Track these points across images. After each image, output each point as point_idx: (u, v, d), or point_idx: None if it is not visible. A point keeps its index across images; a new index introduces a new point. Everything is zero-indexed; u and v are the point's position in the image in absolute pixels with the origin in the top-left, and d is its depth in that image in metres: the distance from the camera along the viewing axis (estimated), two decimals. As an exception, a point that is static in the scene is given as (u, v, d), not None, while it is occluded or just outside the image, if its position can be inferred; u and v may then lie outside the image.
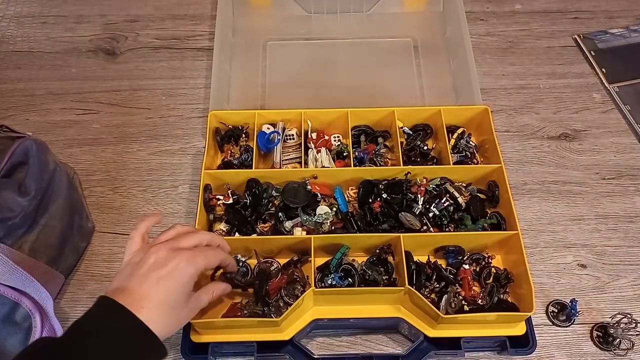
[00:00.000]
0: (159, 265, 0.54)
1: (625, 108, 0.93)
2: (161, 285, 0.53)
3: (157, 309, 0.51)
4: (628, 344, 0.69)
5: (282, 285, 0.69)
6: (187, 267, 0.55)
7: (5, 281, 0.58)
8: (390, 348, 0.70)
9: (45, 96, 0.96)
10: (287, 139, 0.84)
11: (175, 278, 0.54)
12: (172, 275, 0.54)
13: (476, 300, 0.70)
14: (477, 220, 0.75)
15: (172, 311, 0.53)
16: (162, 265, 0.54)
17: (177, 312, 0.54)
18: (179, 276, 0.54)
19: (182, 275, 0.54)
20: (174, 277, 0.54)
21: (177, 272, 0.54)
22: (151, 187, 0.85)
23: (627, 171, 0.86)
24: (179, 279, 0.54)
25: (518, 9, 1.09)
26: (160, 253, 0.55)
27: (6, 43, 1.04)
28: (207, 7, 1.09)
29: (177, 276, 0.54)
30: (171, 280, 0.53)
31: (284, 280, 0.70)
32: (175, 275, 0.54)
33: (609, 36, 1.03)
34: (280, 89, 0.94)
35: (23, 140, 0.65)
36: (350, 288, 0.69)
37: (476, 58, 0.95)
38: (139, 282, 0.52)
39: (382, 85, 0.94)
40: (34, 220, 0.66)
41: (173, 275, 0.54)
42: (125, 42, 1.04)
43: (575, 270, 0.77)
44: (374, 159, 0.82)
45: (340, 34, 1.01)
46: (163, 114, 0.93)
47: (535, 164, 0.87)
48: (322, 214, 0.75)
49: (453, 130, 0.84)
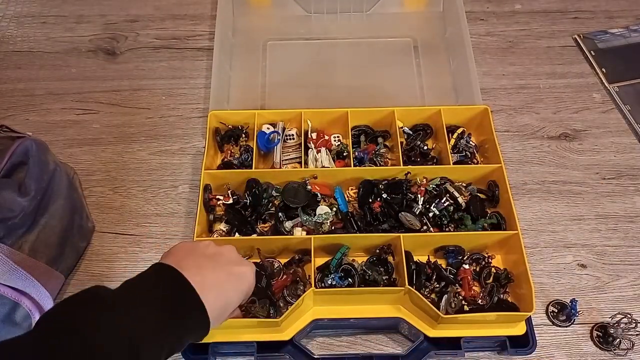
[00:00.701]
0: (232, 263, 0.55)
1: (625, 108, 0.93)
2: (231, 282, 0.54)
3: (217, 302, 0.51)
4: (628, 344, 0.69)
5: (286, 284, 0.70)
6: (252, 277, 0.57)
7: (5, 281, 0.58)
8: (390, 348, 0.70)
9: (45, 96, 0.96)
10: (287, 139, 0.84)
11: (242, 280, 0.55)
12: (242, 278, 0.55)
13: (476, 300, 0.70)
14: (477, 220, 0.75)
15: (224, 310, 0.53)
16: (236, 264, 0.56)
17: (225, 316, 0.54)
18: (245, 281, 0.56)
19: (247, 281, 0.56)
20: (242, 280, 0.55)
21: (245, 276, 0.56)
22: (151, 187, 0.85)
23: (627, 171, 0.86)
24: (244, 284, 0.56)
25: (518, 9, 1.09)
26: (234, 254, 0.58)
27: (6, 43, 1.04)
28: (207, 7, 1.09)
29: (244, 279, 0.56)
30: (239, 282, 0.55)
31: (288, 279, 0.70)
32: (243, 278, 0.56)
33: (609, 36, 1.03)
34: (280, 89, 0.94)
35: (23, 140, 0.65)
36: (350, 288, 0.69)
37: (476, 58, 0.95)
38: (213, 268, 0.53)
39: (382, 85, 0.94)
40: (34, 220, 0.66)
41: (242, 278, 0.55)
42: (125, 42, 1.04)
43: (575, 270, 0.77)
44: (374, 159, 0.82)
45: (340, 34, 1.01)
46: (163, 114, 0.93)
47: (535, 164, 0.87)
48: (322, 214, 0.75)
49: (453, 130, 0.84)
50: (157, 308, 0.46)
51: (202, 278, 0.50)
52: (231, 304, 0.54)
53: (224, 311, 0.52)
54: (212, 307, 0.49)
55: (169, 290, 0.48)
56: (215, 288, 0.51)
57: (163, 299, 0.47)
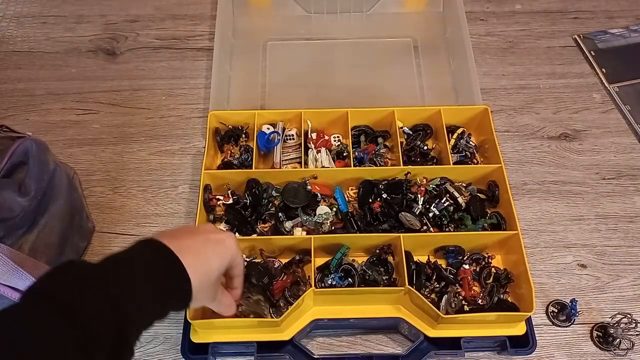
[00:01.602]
0: (209, 232, 0.56)
1: (625, 108, 0.93)
2: (209, 246, 0.54)
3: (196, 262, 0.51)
4: (628, 344, 0.69)
5: (286, 285, 0.69)
6: (232, 243, 0.57)
7: (5, 281, 0.58)
8: (390, 348, 0.70)
9: (45, 96, 0.96)
10: (287, 139, 0.84)
11: (220, 244, 0.55)
12: (220, 242, 0.55)
13: (476, 300, 0.70)
14: (477, 220, 0.75)
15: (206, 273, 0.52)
16: (213, 233, 0.56)
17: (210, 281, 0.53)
18: (223, 245, 0.55)
19: (226, 246, 0.56)
20: (220, 244, 0.55)
21: (224, 241, 0.56)
22: (151, 187, 0.85)
23: (627, 171, 0.86)
24: (223, 247, 0.55)
25: (518, 9, 1.09)
26: (211, 227, 0.59)
27: (6, 43, 1.04)
28: (207, 7, 1.09)
29: (222, 244, 0.55)
30: (217, 245, 0.55)
31: (288, 280, 0.70)
32: (221, 242, 0.55)
33: (609, 36, 1.03)
34: (280, 89, 0.94)
35: (23, 140, 0.65)
36: (350, 288, 0.69)
37: (476, 58, 0.95)
38: (190, 237, 0.53)
39: (382, 85, 0.94)
40: (34, 220, 0.66)
41: (220, 242, 0.55)
42: (125, 42, 1.04)
43: (575, 270, 0.77)
44: (374, 159, 0.82)
45: (340, 34, 1.01)
46: (163, 114, 0.93)
47: (535, 164, 0.87)
48: (322, 214, 0.75)
49: (453, 130, 0.84)
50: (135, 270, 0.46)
51: (179, 242, 0.50)
52: (213, 266, 0.53)
53: (205, 274, 0.52)
54: (192, 268, 0.49)
55: (148, 255, 0.48)
56: (192, 249, 0.51)
57: (142, 262, 0.47)
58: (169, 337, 0.71)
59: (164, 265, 0.48)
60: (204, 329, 0.66)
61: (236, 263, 0.58)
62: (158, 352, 0.70)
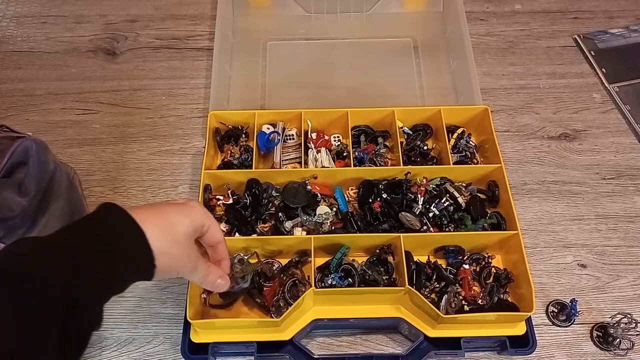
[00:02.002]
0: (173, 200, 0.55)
1: (625, 108, 0.93)
2: (171, 207, 0.52)
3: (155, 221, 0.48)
4: (628, 344, 0.69)
5: (274, 290, 0.69)
6: (199, 207, 0.54)
7: (5, 281, 0.58)
8: (390, 348, 0.70)
9: (45, 96, 0.96)
10: (287, 139, 0.84)
11: (183, 205, 0.53)
12: (183, 205, 0.53)
13: (476, 300, 0.70)
14: (477, 220, 0.75)
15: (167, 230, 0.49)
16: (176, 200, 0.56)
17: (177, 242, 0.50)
18: (187, 205, 0.53)
19: (193, 208, 0.53)
20: (183, 205, 0.53)
21: (189, 204, 0.54)
22: (151, 187, 0.85)
23: (627, 171, 0.86)
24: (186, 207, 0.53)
25: (518, 9, 1.09)
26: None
27: (6, 43, 1.04)
28: (207, 7, 1.09)
29: (185, 205, 0.53)
30: (180, 206, 0.53)
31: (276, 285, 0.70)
32: (184, 204, 0.53)
33: (609, 36, 1.03)
34: (280, 89, 0.94)
35: (23, 140, 0.65)
36: (350, 288, 0.69)
37: (476, 58, 0.95)
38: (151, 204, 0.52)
39: (382, 85, 0.95)
40: (34, 220, 0.66)
41: (184, 204, 0.53)
42: (125, 42, 1.04)
43: (575, 270, 0.77)
44: (374, 159, 0.82)
45: (340, 34, 1.01)
46: (163, 114, 0.93)
47: (535, 164, 0.87)
48: (322, 214, 0.75)
49: (453, 130, 0.84)
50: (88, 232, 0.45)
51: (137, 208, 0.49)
52: (175, 225, 0.50)
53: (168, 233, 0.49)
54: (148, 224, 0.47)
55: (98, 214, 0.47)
56: (149, 208, 0.50)
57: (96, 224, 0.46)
58: (169, 337, 0.71)
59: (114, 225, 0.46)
60: (204, 329, 0.66)
61: (210, 228, 0.55)
62: (158, 352, 0.70)
